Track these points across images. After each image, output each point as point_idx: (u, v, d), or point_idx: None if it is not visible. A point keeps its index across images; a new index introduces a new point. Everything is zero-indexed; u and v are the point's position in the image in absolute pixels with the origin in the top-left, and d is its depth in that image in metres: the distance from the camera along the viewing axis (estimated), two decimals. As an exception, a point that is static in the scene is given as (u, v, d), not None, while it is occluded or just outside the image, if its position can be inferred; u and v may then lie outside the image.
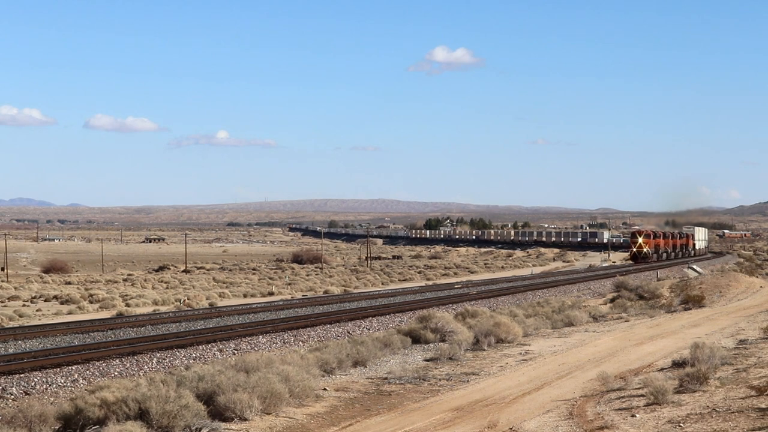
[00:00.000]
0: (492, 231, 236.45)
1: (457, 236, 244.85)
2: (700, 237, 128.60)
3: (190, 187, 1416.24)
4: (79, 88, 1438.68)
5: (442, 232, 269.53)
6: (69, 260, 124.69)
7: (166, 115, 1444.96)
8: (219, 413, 17.55)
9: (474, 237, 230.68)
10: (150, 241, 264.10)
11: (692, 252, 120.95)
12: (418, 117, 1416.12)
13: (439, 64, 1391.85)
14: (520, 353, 26.88)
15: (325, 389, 21.06)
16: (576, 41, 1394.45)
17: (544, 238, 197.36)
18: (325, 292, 64.27)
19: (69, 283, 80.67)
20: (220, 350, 27.42)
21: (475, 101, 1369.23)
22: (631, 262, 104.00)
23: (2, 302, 56.49)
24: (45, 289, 69.31)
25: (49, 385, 21.73)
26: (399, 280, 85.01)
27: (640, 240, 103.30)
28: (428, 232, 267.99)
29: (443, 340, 28.80)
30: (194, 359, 25.66)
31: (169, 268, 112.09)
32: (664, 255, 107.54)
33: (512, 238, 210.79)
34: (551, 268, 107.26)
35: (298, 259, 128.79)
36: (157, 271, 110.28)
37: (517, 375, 22.63)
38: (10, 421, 16.54)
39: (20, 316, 45.76)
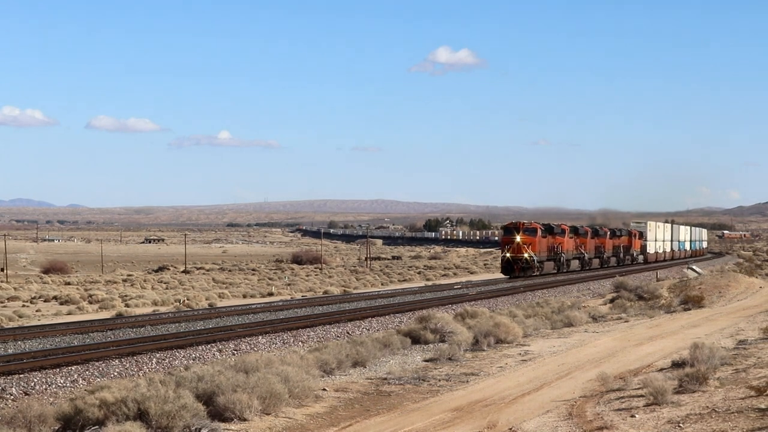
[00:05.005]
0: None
1: (496, 238, 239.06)
2: (659, 236, 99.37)
3: (190, 188, 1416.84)
4: (82, 89, 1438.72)
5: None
6: (68, 261, 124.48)
7: (168, 116, 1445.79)
8: (218, 413, 17.55)
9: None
10: (149, 242, 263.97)
11: (638, 257, 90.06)
12: (420, 117, 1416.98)
13: (441, 64, 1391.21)
14: (520, 354, 26.88)
15: (324, 390, 21.06)
16: (578, 42, 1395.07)
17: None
18: (325, 292, 64.21)
19: (68, 283, 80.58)
20: (220, 351, 27.41)
21: (477, 102, 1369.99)
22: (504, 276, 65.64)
23: (2, 303, 56.44)
24: (44, 289, 69.22)
25: (49, 386, 21.73)
26: (398, 280, 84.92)
27: (518, 239, 64.54)
28: (460, 233, 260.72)
29: (443, 341, 28.79)
30: (194, 360, 25.66)
31: (169, 269, 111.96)
32: (575, 262, 72.94)
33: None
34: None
35: (297, 260, 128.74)
36: (156, 271, 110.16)
37: (516, 375, 22.63)
38: (10, 422, 16.54)
39: (20, 316, 45.73)
